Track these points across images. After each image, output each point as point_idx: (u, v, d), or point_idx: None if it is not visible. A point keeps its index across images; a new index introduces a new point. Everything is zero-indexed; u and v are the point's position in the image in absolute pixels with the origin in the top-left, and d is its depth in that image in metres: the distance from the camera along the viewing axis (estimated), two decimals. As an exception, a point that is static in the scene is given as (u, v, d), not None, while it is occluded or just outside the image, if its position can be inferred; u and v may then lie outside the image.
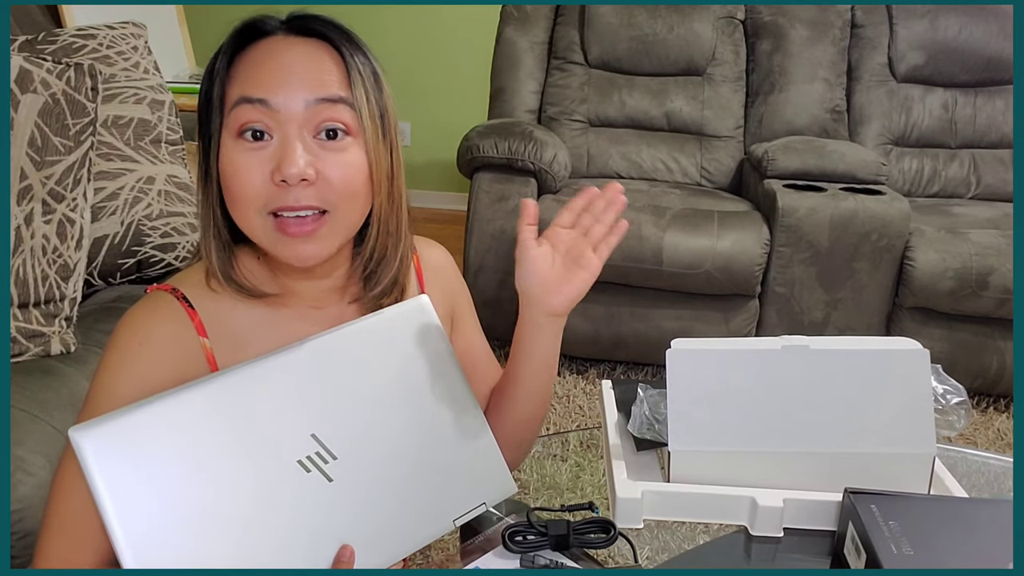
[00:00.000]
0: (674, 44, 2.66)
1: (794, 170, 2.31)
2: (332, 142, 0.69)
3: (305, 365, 0.66)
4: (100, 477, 0.56)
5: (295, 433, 0.64)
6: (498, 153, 2.26)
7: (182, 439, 0.59)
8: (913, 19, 2.62)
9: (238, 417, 0.62)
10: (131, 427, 0.58)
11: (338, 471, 0.65)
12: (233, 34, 0.72)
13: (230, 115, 0.69)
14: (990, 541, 0.76)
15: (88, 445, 0.56)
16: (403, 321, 0.73)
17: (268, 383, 0.64)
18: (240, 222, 0.71)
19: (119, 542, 0.56)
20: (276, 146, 0.68)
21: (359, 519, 0.66)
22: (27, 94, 1.29)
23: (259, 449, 0.62)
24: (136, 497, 0.57)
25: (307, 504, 0.63)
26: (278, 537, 0.62)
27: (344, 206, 0.71)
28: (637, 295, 2.24)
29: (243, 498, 0.61)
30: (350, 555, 0.64)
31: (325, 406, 0.66)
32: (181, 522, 0.58)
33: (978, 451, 1.13)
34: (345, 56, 0.71)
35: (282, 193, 0.68)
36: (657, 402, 0.97)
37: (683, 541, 0.87)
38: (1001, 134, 2.61)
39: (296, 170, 0.66)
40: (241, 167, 0.68)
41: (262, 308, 0.76)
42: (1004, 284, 2.08)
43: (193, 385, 0.62)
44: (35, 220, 1.28)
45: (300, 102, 0.68)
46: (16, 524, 1.03)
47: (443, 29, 3.63)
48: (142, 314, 0.73)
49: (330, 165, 0.69)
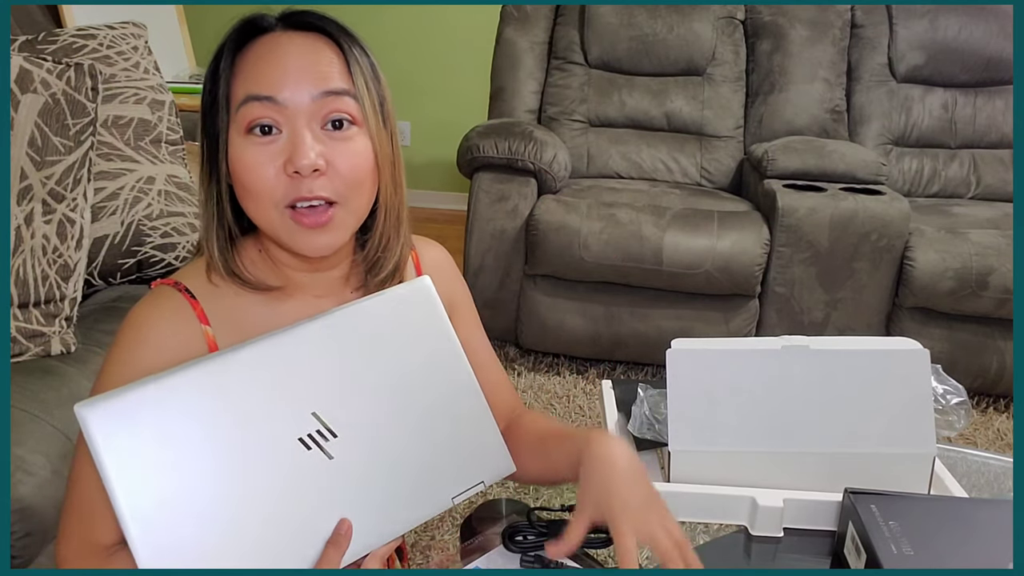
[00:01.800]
0: (674, 44, 2.66)
1: (794, 170, 2.31)
2: (339, 132, 0.71)
3: (307, 344, 0.67)
4: (104, 451, 0.57)
5: (296, 411, 0.65)
6: (498, 153, 2.26)
7: (185, 415, 0.60)
8: (913, 19, 2.62)
9: (240, 394, 0.63)
10: (135, 403, 0.59)
11: (338, 449, 0.66)
12: (232, 32, 0.73)
13: (237, 113, 0.70)
14: (990, 541, 0.76)
15: (93, 420, 0.57)
16: (405, 301, 0.73)
17: (270, 361, 0.65)
18: (256, 216, 0.73)
19: (123, 514, 0.57)
20: (286, 139, 0.70)
21: (358, 496, 0.67)
22: (27, 94, 1.29)
23: (260, 426, 0.63)
24: (139, 470, 0.58)
25: (307, 481, 0.64)
26: (278, 512, 0.63)
27: (353, 195, 0.73)
28: (637, 295, 2.24)
29: (244, 474, 0.62)
30: (347, 528, 0.65)
31: (326, 385, 0.67)
32: (184, 495, 0.59)
33: (978, 451, 1.13)
34: (344, 48, 0.73)
35: (295, 185, 0.70)
36: (657, 402, 0.97)
37: (683, 541, 0.87)
38: (1001, 134, 2.61)
39: (308, 161, 0.68)
40: (253, 162, 0.70)
41: (264, 297, 0.78)
42: (1004, 284, 2.08)
43: (197, 363, 0.63)
44: (35, 220, 1.28)
45: (306, 96, 0.70)
46: (16, 524, 1.03)
47: (443, 29, 3.63)
48: (145, 310, 0.75)
49: (338, 154, 0.71)
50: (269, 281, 0.77)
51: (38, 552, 1.08)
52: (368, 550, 0.67)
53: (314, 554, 0.64)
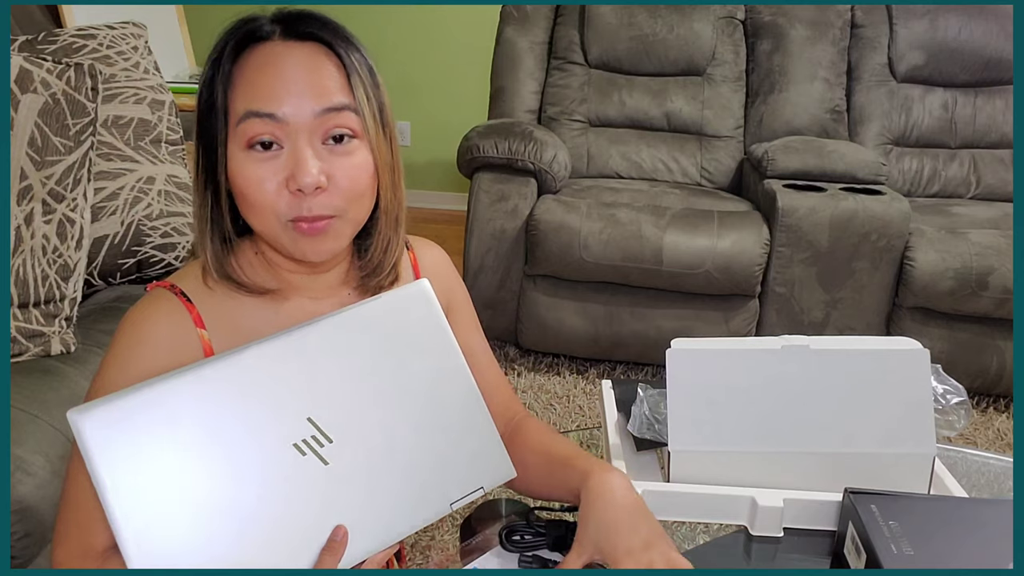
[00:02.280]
0: (674, 44, 2.66)
1: (794, 170, 2.31)
2: (340, 146, 0.71)
3: (302, 348, 0.67)
4: (98, 457, 0.57)
5: (291, 416, 0.64)
6: (498, 153, 2.26)
7: (179, 420, 0.60)
8: (913, 19, 2.62)
9: (235, 399, 0.62)
10: (128, 408, 0.59)
11: (334, 454, 0.65)
12: (230, 38, 0.72)
13: (237, 128, 0.70)
14: (990, 541, 0.76)
15: (86, 426, 0.57)
16: (403, 305, 0.73)
17: (265, 366, 0.65)
18: (258, 226, 0.73)
19: (116, 521, 0.57)
20: (288, 155, 0.70)
21: (355, 502, 0.66)
22: (27, 94, 1.29)
23: (255, 432, 0.63)
24: (133, 477, 0.58)
25: (302, 487, 0.64)
26: (272, 519, 0.62)
27: (353, 207, 0.73)
28: (637, 295, 2.24)
29: (239, 479, 0.61)
30: (343, 535, 0.65)
31: (321, 390, 0.66)
32: (177, 501, 0.59)
33: (978, 451, 1.13)
34: (343, 58, 0.72)
35: (297, 202, 0.70)
36: (657, 402, 0.97)
37: (683, 541, 0.87)
38: (1001, 134, 2.61)
39: (311, 179, 0.68)
40: (256, 178, 0.70)
41: (261, 300, 0.77)
42: (1004, 284, 2.09)
43: (191, 368, 0.62)
44: (35, 220, 1.28)
45: (308, 112, 0.69)
46: (16, 524, 1.03)
47: (443, 29, 3.63)
48: (141, 313, 0.74)
49: (339, 169, 0.71)
50: (266, 284, 0.77)
51: (37, 552, 1.08)
52: (365, 556, 0.67)
53: (309, 561, 0.64)
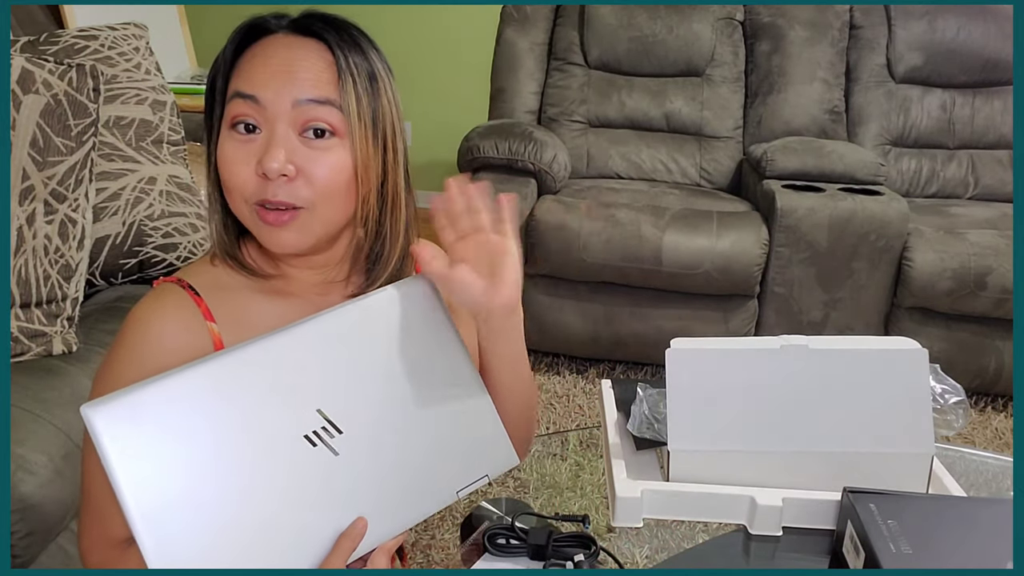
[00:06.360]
0: (673, 45, 2.67)
1: (793, 170, 2.31)
2: (318, 141, 0.72)
3: (310, 341, 0.67)
4: (111, 452, 0.58)
5: (301, 408, 0.65)
6: (498, 153, 2.26)
7: (190, 414, 0.61)
8: (911, 20, 2.62)
9: (245, 392, 0.63)
10: (140, 403, 0.59)
11: (344, 445, 0.66)
12: (241, 29, 0.75)
13: (226, 108, 0.73)
14: (989, 540, 0.76)
15: (99, 421, 0.58)
16: (406, 297, 0.74)
17: (274, 359, 0.65)
18: (232, 208, 0.75)
19: (131, 513, 0.58)
20: (263, 140, 0.71)
21: (364, 492, 0.67)
22: (29, 95, 1.29)
23: (266, 424, 0.63)
24: (146, 470, 0.58)
25: (313, 477, 0.65)
26: (285, 509, 0.63)
27: (323, 204, 0.73)
28: (637, 295, 2.24)
29: (251, 471, 0.62)
30: (363, 526, 0.66)
31: (330, 382, 0.67)
32: (190, 494, 0.60)
33: (976, 450, 1.13)
34: (338, 58, 0.73)
35: (263, 186, 0.71)
36: (657, 401, 0.97)
37: (683, 540, 0.87)
38: (999, 135, 2.61)
39: (276, 165, 0.69)
40: (232, 158, 0.72)
41: (268, 295, 0.78)
42: (1002, 284, 2.09)
43: (201, 362, 0.63)
44: (37, 220, 1.28)
45: (288, 101, 0.71)
46: (18, 523, 1.03)
47: (443, 29, 3.63)
48: (149, 307, 0.75)
49: (312, 163, 0.71)
50: (270, 270, 0.79)
51: (40, 551, 1.09)
52: (374, 545, 0.67)
53: (322, 550, 0.64)
